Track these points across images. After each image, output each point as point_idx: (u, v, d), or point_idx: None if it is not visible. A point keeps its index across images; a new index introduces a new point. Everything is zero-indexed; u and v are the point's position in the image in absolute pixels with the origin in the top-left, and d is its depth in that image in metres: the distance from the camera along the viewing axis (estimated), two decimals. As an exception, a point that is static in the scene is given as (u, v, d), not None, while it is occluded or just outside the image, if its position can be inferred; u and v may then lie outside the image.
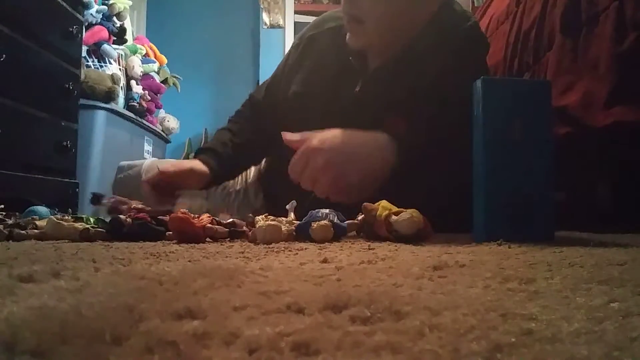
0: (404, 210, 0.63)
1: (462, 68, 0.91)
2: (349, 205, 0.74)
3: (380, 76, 0.96)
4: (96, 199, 0.88)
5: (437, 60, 0.92)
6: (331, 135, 0.77)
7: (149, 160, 1.51)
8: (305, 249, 0.54)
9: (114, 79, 2.13)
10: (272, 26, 3.49)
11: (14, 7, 1.29)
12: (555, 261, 0.42)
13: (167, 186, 0.93)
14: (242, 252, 0.51)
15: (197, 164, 0.99)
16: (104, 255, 0.46)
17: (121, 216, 0.67)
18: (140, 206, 0.76)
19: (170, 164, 0.97)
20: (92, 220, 0.68)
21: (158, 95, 2.74)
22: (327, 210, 0.67)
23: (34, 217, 0.76)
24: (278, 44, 3.37)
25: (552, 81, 0.94)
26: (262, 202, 1.18)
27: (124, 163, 1.47)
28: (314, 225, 0.63)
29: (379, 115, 0.93)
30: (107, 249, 0.54)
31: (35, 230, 0.63)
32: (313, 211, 0.67)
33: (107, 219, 0.69)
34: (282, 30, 3.38)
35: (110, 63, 2.25)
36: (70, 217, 0.70)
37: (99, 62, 2.21)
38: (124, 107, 2.33)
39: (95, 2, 2.21)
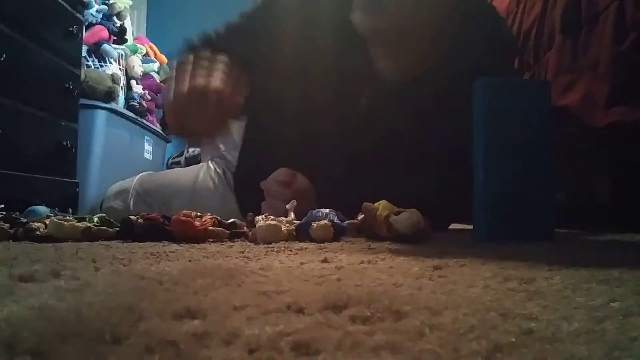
0: (404, 210, 0.63)
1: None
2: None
3: (397, 93, 0.86)
4: None
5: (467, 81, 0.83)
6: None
7: (137, 183, 1.52)
8: (305, 248, 0.54)
9: (114, 78, 2.13)
10: (272, 26, 3.48)
11: (14, 7, 1.29)
12: (555, 261, 0.41)
13: None
14: (242, 252, 0.51)
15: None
16: (104, 255, 0.46)
17: (131, 217, 0.66)
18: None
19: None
20: (95, 219, 0.67)
21: (158, 95, 2.74)
22: (327, 210, 0.67)
23: (33, 217, 0.76)
24: (278, 44, 3.36)
25: (552, 81, 0.94)
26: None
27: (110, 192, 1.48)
28: (314, 225, 0.63)
29: (389, 131, 0.87)
30: (107, 248, 0.54)
31: (38, 232, 0.63)
32: (313, 211, 0.67)
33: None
34: (282, 30, 3.38)
35: (111, 63, 2.25)
36: (71, 217, 0.70)
37: (99, 61, 2.21)
38: (124, 107, 2.33)
39: (95, 1, 2.21)
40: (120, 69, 2.32)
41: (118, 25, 2.32)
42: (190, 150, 3.02)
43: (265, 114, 0.98)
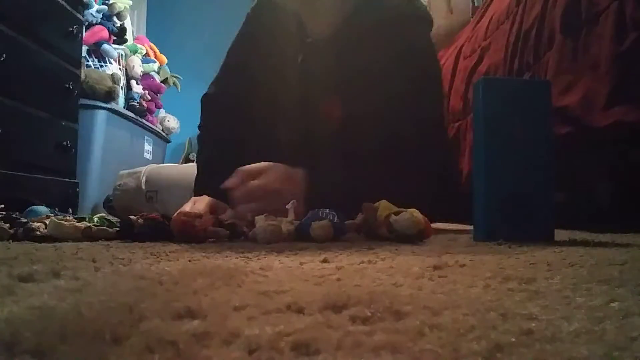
0: (404, 210, 0.63)
1: (404, 48, 0.91)
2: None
3: (321, 49, 0.95)
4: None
5: (379, 38, 0.91)
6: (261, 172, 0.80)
7: (147, 170, 1.56)
8: (305, 249, 0.54)
9: (114, 78, 2.13)
10: (272, 26, 3.48)
11: (14, 7, 1.29)
12: (555, 261, 0.41)
13: None
14: (242, 252, 0.51)
15: None
16: (104, 255, 0.46)
17: (132, 217, 0.66)
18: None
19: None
20: (95, 219, 0.67)
21: (158, 95, 2.74)
22: (327, 210, 0.67)
23: (33, 217, 0.76)
24: (279, 44, 3.37)
25: (552, 81, 0.94)
26: None
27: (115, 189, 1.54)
28: (314, 225, 0.63)
29: (323, 90, 0.94)
30: (107, 248, 0.54)
31: (38, 232, 0.63)
32: (313, 211, 0.67)
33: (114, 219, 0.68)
34: (282, 30, 3.38)
35: (111, 63, 2.25)
36: (71, 217, 0.70)
37: (99, 61, 2.21)
38: (124, 107, 2.33)
39: (95, 1, 2.21)
40: (120, 69, 2.32)
41: (118, 25, 2.32)
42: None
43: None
